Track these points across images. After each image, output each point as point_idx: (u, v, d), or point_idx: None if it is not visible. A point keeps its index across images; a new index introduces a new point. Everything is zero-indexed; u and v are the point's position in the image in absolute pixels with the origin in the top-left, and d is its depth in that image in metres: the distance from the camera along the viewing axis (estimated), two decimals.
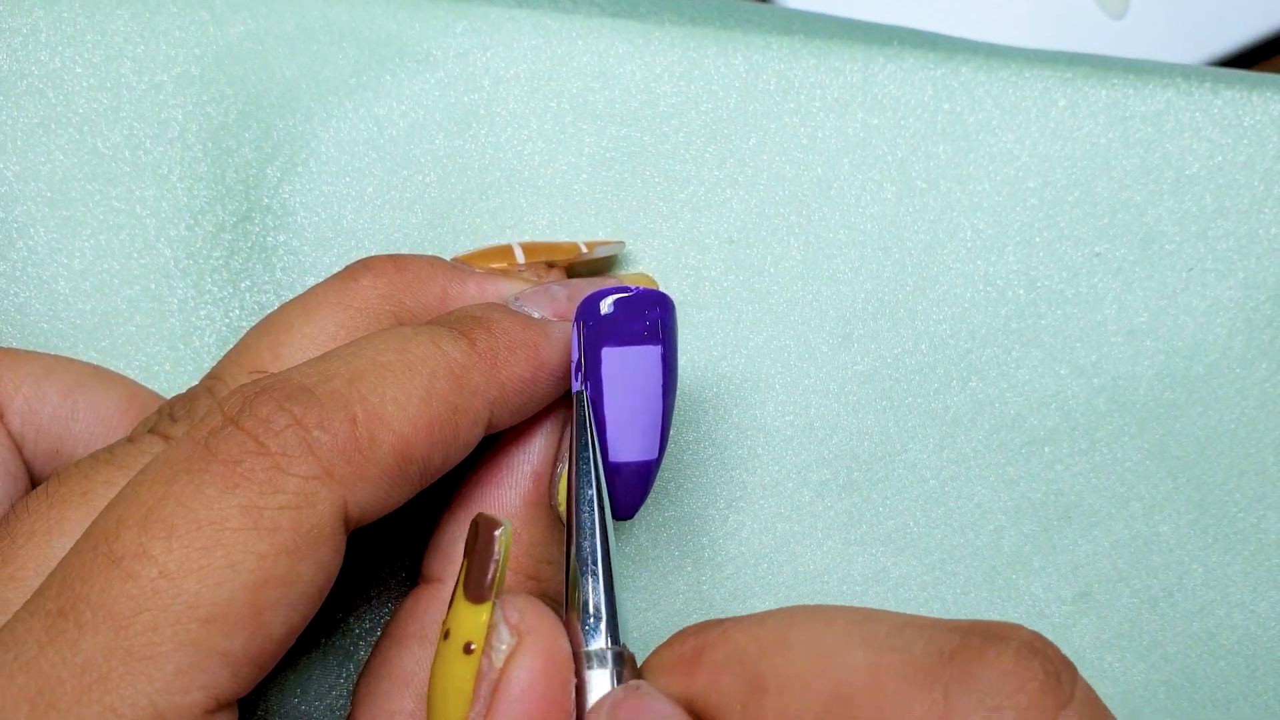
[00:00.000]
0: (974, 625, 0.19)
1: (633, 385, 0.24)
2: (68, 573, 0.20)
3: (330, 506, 0.21)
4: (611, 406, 0.24)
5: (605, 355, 0.24)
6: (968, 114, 0.30)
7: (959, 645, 0.18)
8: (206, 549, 0.19)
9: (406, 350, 0.23)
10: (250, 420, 0.21)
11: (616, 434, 0.24)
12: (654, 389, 0.24)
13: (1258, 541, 0.30)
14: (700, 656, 0.21)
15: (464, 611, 0.21)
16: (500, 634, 0.21)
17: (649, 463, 0.25)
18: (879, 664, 0.19)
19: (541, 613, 0.21)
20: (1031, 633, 0.19)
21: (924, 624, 0.19)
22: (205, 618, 0.19)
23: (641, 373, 0.24)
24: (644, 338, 0.24)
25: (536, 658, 0.20)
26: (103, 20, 0.29)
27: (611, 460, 0.24)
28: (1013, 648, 0.18)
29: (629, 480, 0.25)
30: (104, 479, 0.22)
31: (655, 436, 0.25)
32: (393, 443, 0.21)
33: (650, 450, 0.25)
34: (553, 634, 0.21)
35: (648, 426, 0.24)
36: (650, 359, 0.24)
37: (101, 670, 0.19)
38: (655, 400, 0.24)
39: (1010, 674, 0.18)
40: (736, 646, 0.20)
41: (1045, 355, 0.30)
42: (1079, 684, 0.18)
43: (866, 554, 0.30)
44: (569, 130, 0.30)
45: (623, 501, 0.25)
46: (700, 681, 0.20)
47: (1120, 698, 0.30)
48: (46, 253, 0.29)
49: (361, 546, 0.29)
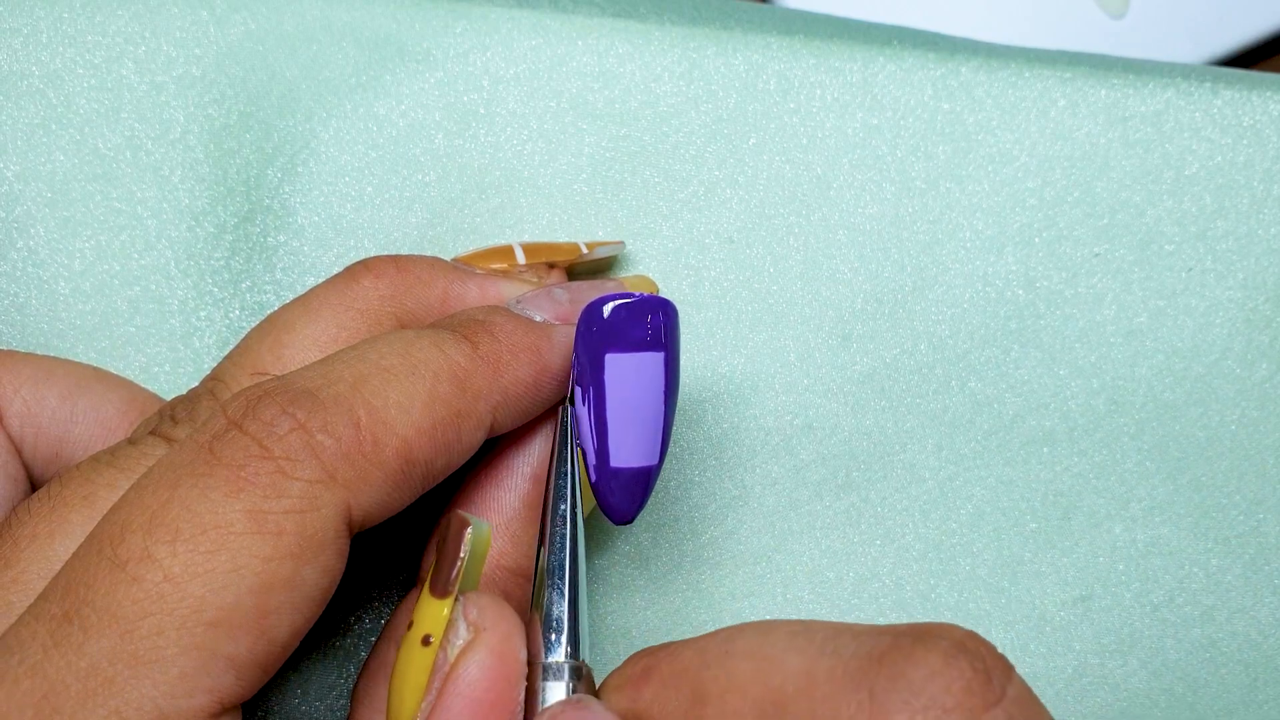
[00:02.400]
0: (908, 627, 0.19)
1: (635, 391, 0.24)
2: (72, 577, 0.20)
3: (334, 510, 0.21)
4: (613, 412, 0.24)
5: (608, 361, 0.24)
6: (967, 114, 0.30)
7: (889, 647, 0.19)
8: (211, 553, 0.19)
9: (410, 354, 0.23)
10: (254, 424, 0.21)
11: (618, 439, 0.24)
12: (656, 395, 0.24)
13: (1257, 545, 0.30)
14: (649, 674, 0.21)
15: (427, 605, 0.21)
16: (458, 629, 0.21)
17: (649, 469, 0.25)
18: (812, 669, 0.19)
19: (502, 613, 0.21)
20: (964, 632, 0.19)
21: (859, 630, 0.19)
22: (210, 621, 0.19)
23: (644, 379, 0.24)
24: (647, 344, 0.24)
25: (488, 655, 0.21)
26: (103, 21, 0.30)
27: (612, 465, 0.24)
28: (941, 647, 0.18)
29: (628, 486, 0.24)
30: (106, 482, 0.22)
31: (656, 443, 0.25)
32: (396, 446, 0.21)
33: (651, 456, 0.24)
34: (508, 634, 0.21)
35: (649, 432, 0.24)
36: (653, 365, 0.24)
37: (107, 674, 0.19)
38: (657, 406, 0.24)
39: (937, 674, 0.18)
40: (681, 661, 0.21)
41: (1044, 356, 0.30)
42: (1012, 682, 0.18)
43: (864, 554, 0.30)
44: (569, 130, 0.30)
45: (621, 507, 0.25)
46: (646, 696, 0.21)
47: (1121, 705, 0.29)
48: (47, 253, 0.29)
49: (363, 548, 0.29)
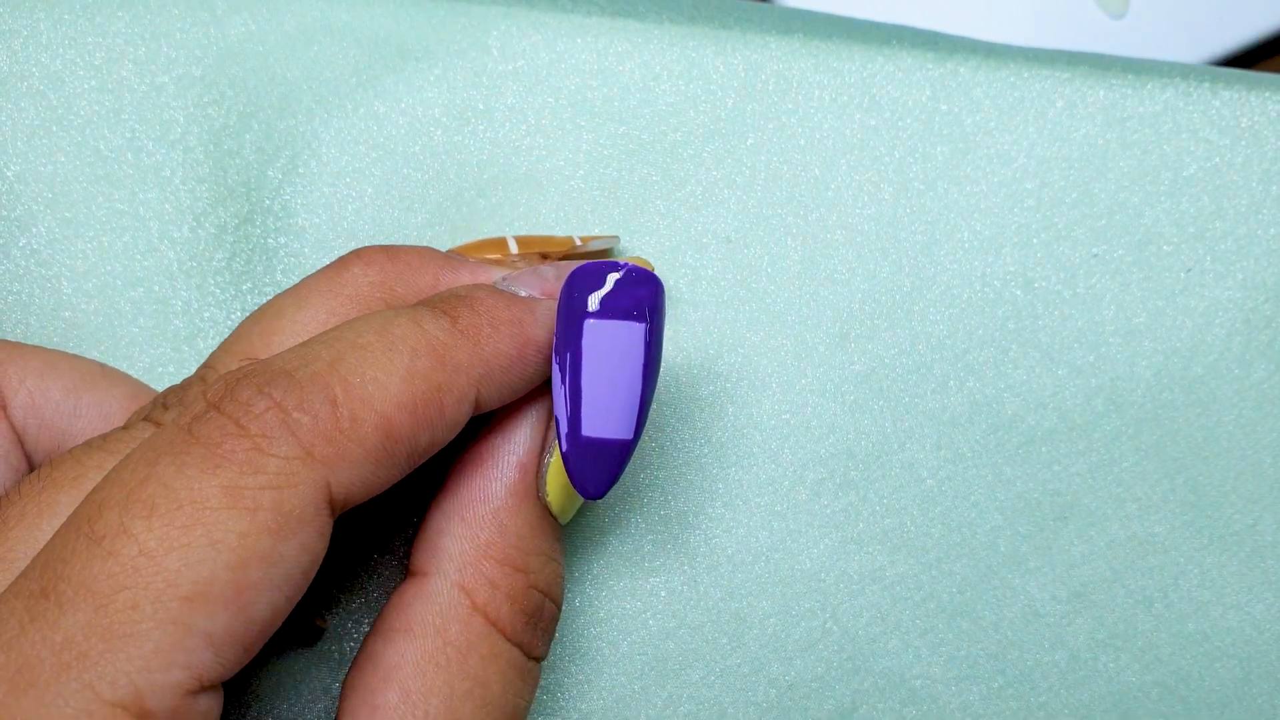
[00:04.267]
0: None
1: (613, 361, 0.24)
2: (51, 554, 0.20)
3: (313, 487, 0.21)
4: (589, 379, 0.24)
5: (587, 327, 0.23)
6: (966, 114, 0.30)
7: None
8: (187, 527, 0.19)
9: (387, 330, 0.23)
10: (231, 405, 0.21)
11: (591, 408, 0.24)
12: (634, 367, 0.24)
13: (1253, 543, 0.30)
14: None
15: None
16: None
17: (624, 442, 0.24)
18: None
19: None
20: None
21: None
22: (186, 596, 0.19)
23: (623, 349, 0.24)
24: (630, 314, 0.24)
25: None
26: (103, 22, 0.30)
27: (584, 434, 0.24)
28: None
29: (600, 458, 0.24)
30: (96, 464, 0.22)
31: (632, 417, 0.24)
32: (375, 422, 0.21)
33: (626, 430, 0.24)
34: None
35: (625, 405, 0.24)
36: (633, 336, 0.24)
37: (81, 648, 0.19)
38: (635, 379, 0.24)
39: None
40: None
41: (1042, 356, 0.30)
42: None
43: (863, 553, 0.30)
44: (568, 128, 0.30)
45: (593, 479, 0.24)
46: None
47: (1114, 699, 0.29)
48: (49, 254, 0.29)
49: (353, 546, 0.29)
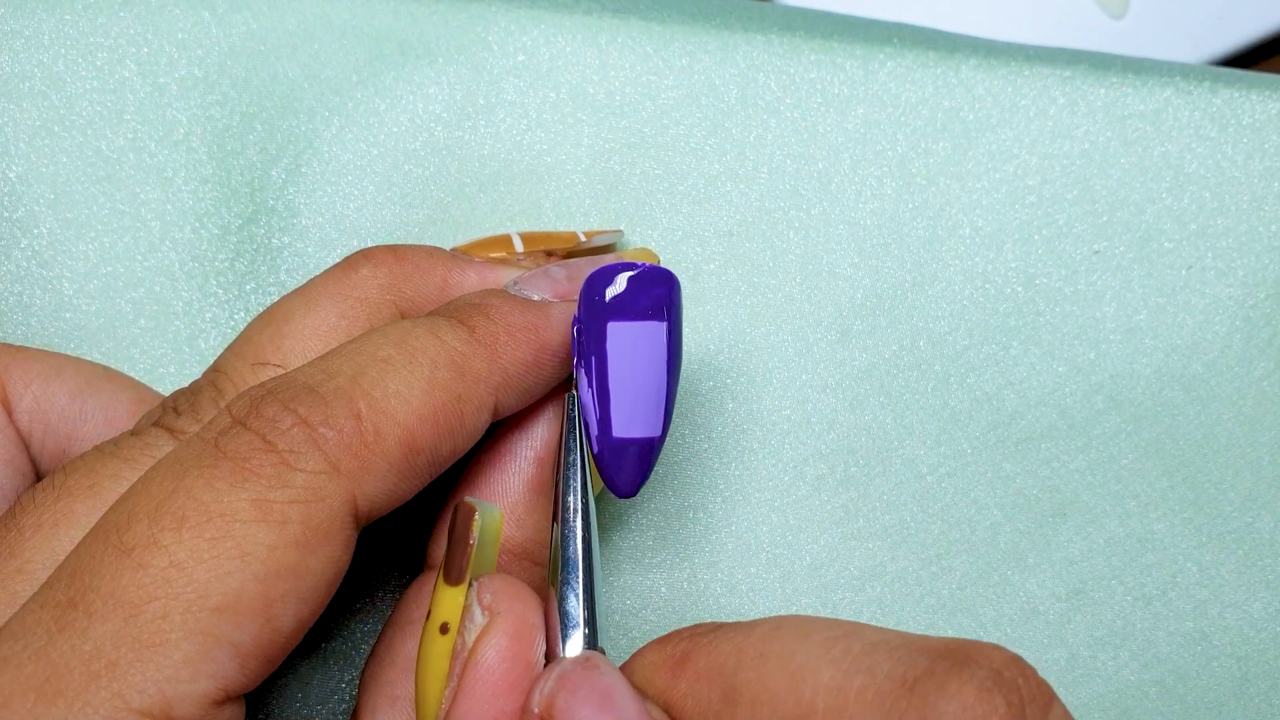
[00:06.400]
0: (946, 647, 0.18)
1: (637, 360, 0.24)
2: (77, 564, 0.20)
3: (339, 501, 0.21)
4: (615, 381, 0.24)
5: (611, 330, 0.24)
6: (967, 111, 0.30)
7: (924, 671, 0.18)
8: (217, 539, 0.20)
9: (406, 343, 0.23)
10: (257, 420, 0.21)
11: (620, 409, 0.24)
12: (658, 366, 0.24)
13: (1251, 541, 0.30)
14: (686, 661, 0.21)
15: (442, 593, 0.21)
16: (474, 614, 0.21)
17: (652, 440, 0.24)
18: (844, 687, 0.18)
19: (516, 594, 0.21)
20: (1005, 658, 0.18)
21: (898, 644, 0.19)
22: (215, 607, 0.19)
23: (646, 348, 0.24)
24: (649, 313, 0.24)
25: (505, 638, 0.21)
26: (105, 23, 0.30)
27: (614, 436, 0.24)
28: (978, 678, 0.18)
29: (631, 457, 0.24)
30: (110, 472, 0.23)
31: (659, 414, 0.24)
32: (398, 435, 0.22)
33: (654, 428, 0.24)
34: (523, 615, 0.21)
35: (651, 404, 0.24)
36: (655, 335, 0.24)
37: (110, 658, 0.19)
38: (659, 377, 0.24)
39: (969, 708, 0.17)
40: (719, 656, 0.20)
41: (1043, 352, 0.30)
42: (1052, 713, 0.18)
43: (863, 548, 0.30)
44: (569, 124, 0.30)
45: (625, 479, 0.24)
46: (681, 687, 0.21)
47: (1112, 697, 0.29)
48: (51, 255, 0.29)
49: (366, 547, 0.29)
